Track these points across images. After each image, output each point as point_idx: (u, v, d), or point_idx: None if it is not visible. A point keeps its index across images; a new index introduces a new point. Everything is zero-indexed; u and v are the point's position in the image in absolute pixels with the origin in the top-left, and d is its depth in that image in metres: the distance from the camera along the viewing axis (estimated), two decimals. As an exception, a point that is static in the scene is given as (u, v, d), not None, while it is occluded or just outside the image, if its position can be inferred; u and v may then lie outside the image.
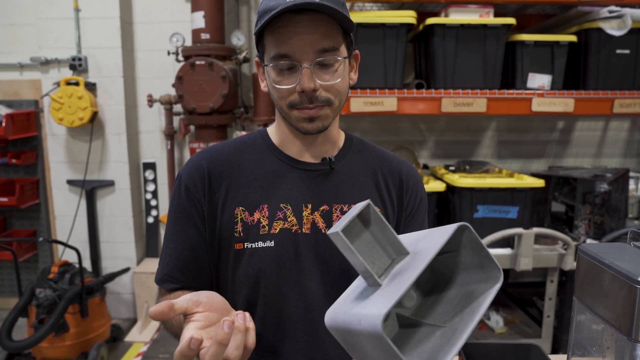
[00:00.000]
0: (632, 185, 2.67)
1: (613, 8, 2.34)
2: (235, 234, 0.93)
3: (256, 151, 0.99)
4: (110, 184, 3.02)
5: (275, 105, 0.94)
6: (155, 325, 3.00)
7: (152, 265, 3.06)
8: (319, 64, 0.86)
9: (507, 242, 2.34)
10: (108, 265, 3.10)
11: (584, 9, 2.41)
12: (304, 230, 0.94)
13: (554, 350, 2.44)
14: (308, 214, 0.95)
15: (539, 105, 2.37)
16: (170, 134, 2.95)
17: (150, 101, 2.88)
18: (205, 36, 2.68)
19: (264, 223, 0.93)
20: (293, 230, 0.93)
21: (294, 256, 0.93)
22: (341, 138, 1.04)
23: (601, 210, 2.47)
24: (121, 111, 2.93)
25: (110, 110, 2.94)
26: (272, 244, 0.92)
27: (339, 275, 0.94)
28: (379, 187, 1.02)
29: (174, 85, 2.72)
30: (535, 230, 2.27)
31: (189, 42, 2.78)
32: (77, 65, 2.87)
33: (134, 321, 3.07)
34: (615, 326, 0.83)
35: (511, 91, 2.38)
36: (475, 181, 2.35)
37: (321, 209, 0.96)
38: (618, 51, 2.43)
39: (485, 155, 3.08)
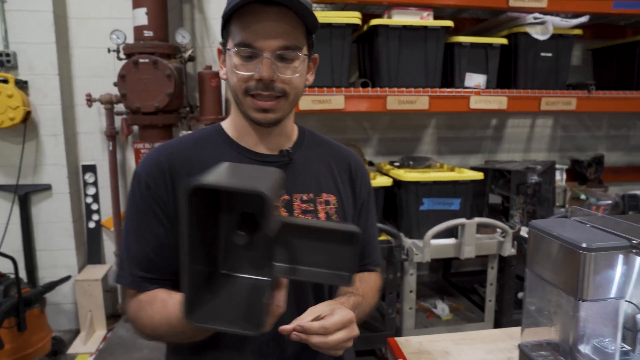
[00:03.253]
0: (557, 176, 2.92)
1: (537, 15, 2.56)
2: None
3: (213, 146, 1.00)
4: (46, 188, 2.85)
5: (231, 92, 0.95)
6: (100, 335, 2.87)
7: (94, 272, 2.93)
8: (279, 57, 0.89)
9: (450, 232, 2.48)
10: (46, 275, 2.92)
11: (512, 15, 2.62)
12: None
13: (496, 332, 2.61)
14: None
15: (476, 102, 2.54)
16: (112, 135, 2.84)
17: (90, 100, 2.76)
18: (148, 33, 2.61)
19: None
20: None
21: None
22: (295, 131, 1.07)
23: (533, 200, 2.68)
24: (57, 111, 2.78)
25: (45, 110, 2.78)
26: None
27: None
28: (334, 177, 1.07)
29: (115, 84, 2.63)
30: (477, 220, 2.42)
31: (130, 40, 2.70)
32: (5, 61, 2.69)
33: (76, 332, 2.92)
34: (563, 289, 0.93)
35: (451, 89, 2.53)
36: (420, 175, 2.47)
37: (282, 198, 0.98)
38: (542, 54, 2.66)
39: (426, 152, 3.24)
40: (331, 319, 0.83)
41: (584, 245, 0.86)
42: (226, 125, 1.03)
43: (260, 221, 0.69)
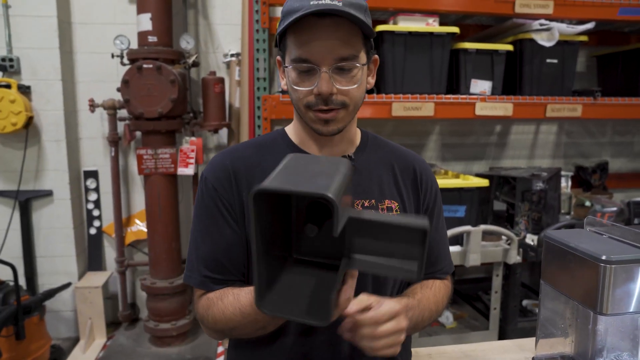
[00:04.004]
0: (563, 183, 2.91)
1: (543, 21, 2.55)
2: None
3: (277, 151, 1.00)
4: (47, 194, 2.82)
5: (294, 105, 0.96)
6: (100, 343, 2.83)
7: (95, 279, 2.90)
8: (337, 69, 0.89)
9: (456, 240, 2.46)
10: (46, 282, 2.89)
11: (518, 21, 2.60)
12: None
13: (501, 340, 2.58)
14: None
15: (482, 109, 2.52)
16: (114, 141, 2.82)
17: (92, 106, 2.74)
18: (152, 39, 2.59)
19: None
20: None
21: None
22: (357, 136, 1.07)
23: (538, 207, 2.66)
24: (60, 116, 2.76)
25: (48, 116, 2.76)
26: None
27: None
28: (397, 182, 1.06)
29: (118, 90, 2.61)
30: (483, 227, 2.40)
31: (134, 45, 2.68)
32: (8, 66, 2.67)
33: (75, 340, 2.88)
34: (581, 302, 0.91)
35: (456, 96, 2.51)
36: (426, 182, 2.45)
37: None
38: (548, 60, 2.65)
39: (430, 158, 3.22)
40: (381, 308, 0.80)
41: (603, 257, 0.84)
42: (290, 130, 1.05)
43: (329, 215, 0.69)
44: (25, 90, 2.71)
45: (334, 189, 0.62)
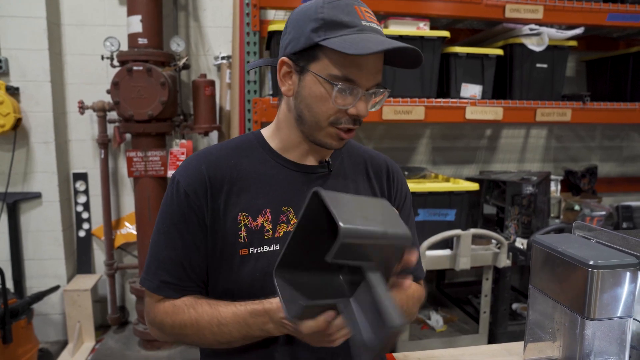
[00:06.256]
0: (552, 187, 2.93)
1: (533, 26, 2.57)
2: (239, 240, 0.93)
3: (254, 155, 0.99)
4: (36, 196, 2.79)
5: (305, 115, 0.92)
6: (88, 346, 2.80)
7: (84, 282, 2.87)
8: (372, 94, 0.91)
9: (446, 243, 2.46)
10: (34, 285, 2.86)
11: (508, 26, 2.62)
12: None
13: (490, 343, 2.59)
14: None
15: (472, 113, 2.54)
16: (104, 143, 2.79)
17: (82, 108, 2.71)
18: (142, 41, 2.58)
19: (267, 227, 0.94)
20: None
21: None
22: None
23: (528, 211, 2.68)
24: (49, 118, 2.74)
25: (37, 117, 2.73)
26: (277, 247, 0.93)
27: None
28: (372, 186, 1.07)
29: (108, 92, 2.59)
30: (473, 231, 2.41)
31: (124, 47, 2.66)
32: (-4, 67, 2.65)
33: (64, 344, 2.85)
34: (569, 307, 0.92)
35: (447, 100, 2.52)
36: (416, 186, 2.46)
37: None
38: (538, 65, 2.67)
39: (420, 162, 3.23)
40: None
41: (591, 262, 0.85)
42: (268, 134, 1.03)
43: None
44: (13, 91, 2.68)
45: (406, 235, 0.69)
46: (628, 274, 0.86)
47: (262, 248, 0.93)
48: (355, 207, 0.70)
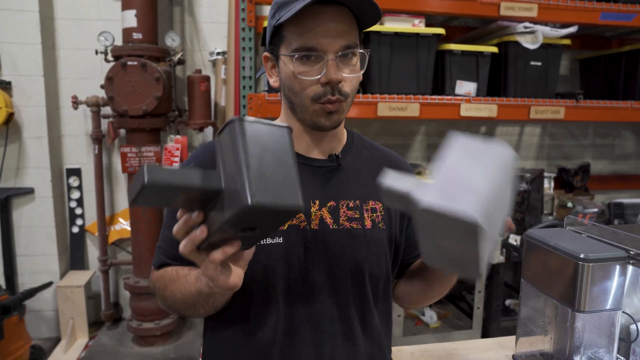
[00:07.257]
0: (546, 184, 2.94)
1: (527, 24, 2.58)
2: None
3: None
4: (29, 191, 2.78)
5: (292, 99, 0.93)
6: (82, 343, 2.79)
7: (77, 278, 2.85)
8: (341, 57, 0.88)
9: (440, 239, 2.47)
10: (26, 281, 2.84)
11: (503, 24, 2.63)
12: (312, 226, 0.94)
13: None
14: (316, 210, 0.95)
15: (467, 110, 2.54)
16: (97, 138, 2.78)
17: (75, 103, 2.70)
18: (137, 36, 2.57)
19: None
20: (302, 227, 0.93)
21: (303, 252, 0.93)
22: (344, 135, 1.06)
23: (521, 208, 2.69)
24: (42, 113, 2.72)
25: (29, 112, 2.71)
26: (280, 240, 0.92)
27: (347, 270, 0.95)
28: None
29: (102, 87, 2.58)
30: (467, 227, 2.42)
31: (118, 42, 2.65)
32: (-12, 62, 2.63)
33: (57, 340, 2.84)
34: (560, 300, 0.93)
35: (442, 97, 2.53)
36: (411, 182, 2.46)
37: (328, 204, 0.96)
38: (532, 63, 2.68)
39: (416, 159, 3.24)
40: None
41: (581, 255, 0.86)
42: None
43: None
44: (5, 86, 2.66)
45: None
46: (617, 267, 0.87)
47: (265, 240, 0.92)
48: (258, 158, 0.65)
